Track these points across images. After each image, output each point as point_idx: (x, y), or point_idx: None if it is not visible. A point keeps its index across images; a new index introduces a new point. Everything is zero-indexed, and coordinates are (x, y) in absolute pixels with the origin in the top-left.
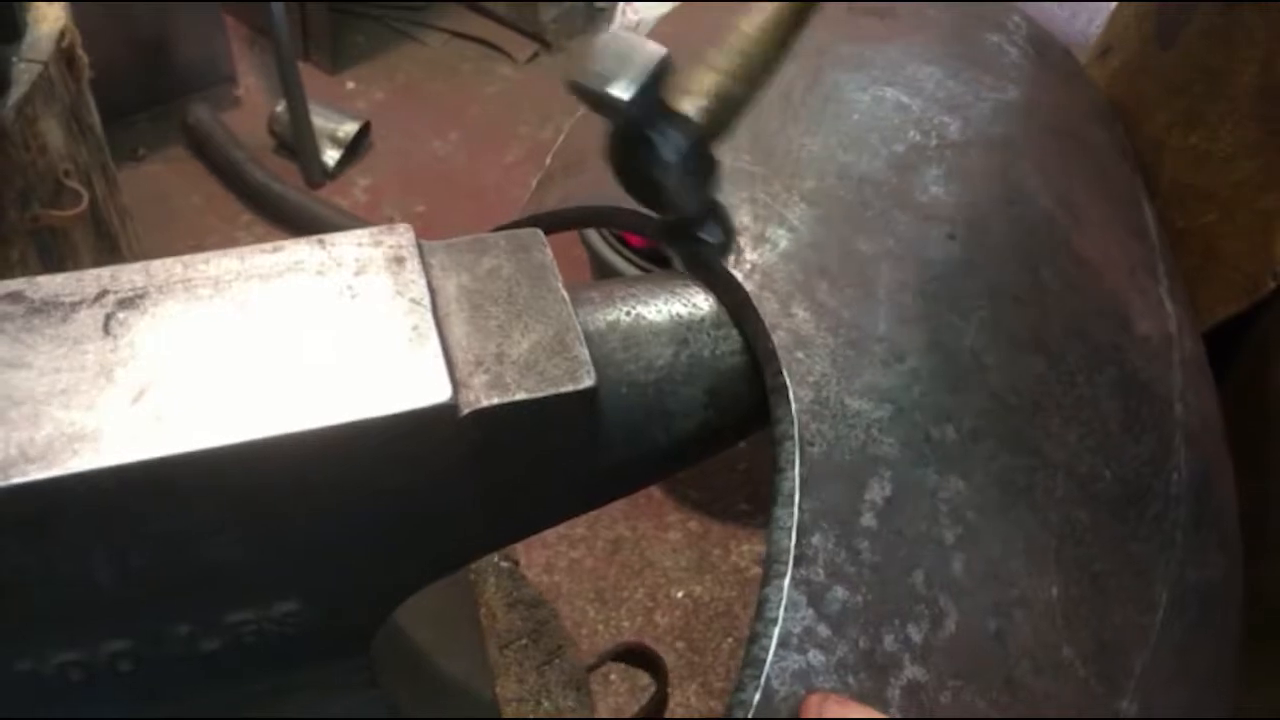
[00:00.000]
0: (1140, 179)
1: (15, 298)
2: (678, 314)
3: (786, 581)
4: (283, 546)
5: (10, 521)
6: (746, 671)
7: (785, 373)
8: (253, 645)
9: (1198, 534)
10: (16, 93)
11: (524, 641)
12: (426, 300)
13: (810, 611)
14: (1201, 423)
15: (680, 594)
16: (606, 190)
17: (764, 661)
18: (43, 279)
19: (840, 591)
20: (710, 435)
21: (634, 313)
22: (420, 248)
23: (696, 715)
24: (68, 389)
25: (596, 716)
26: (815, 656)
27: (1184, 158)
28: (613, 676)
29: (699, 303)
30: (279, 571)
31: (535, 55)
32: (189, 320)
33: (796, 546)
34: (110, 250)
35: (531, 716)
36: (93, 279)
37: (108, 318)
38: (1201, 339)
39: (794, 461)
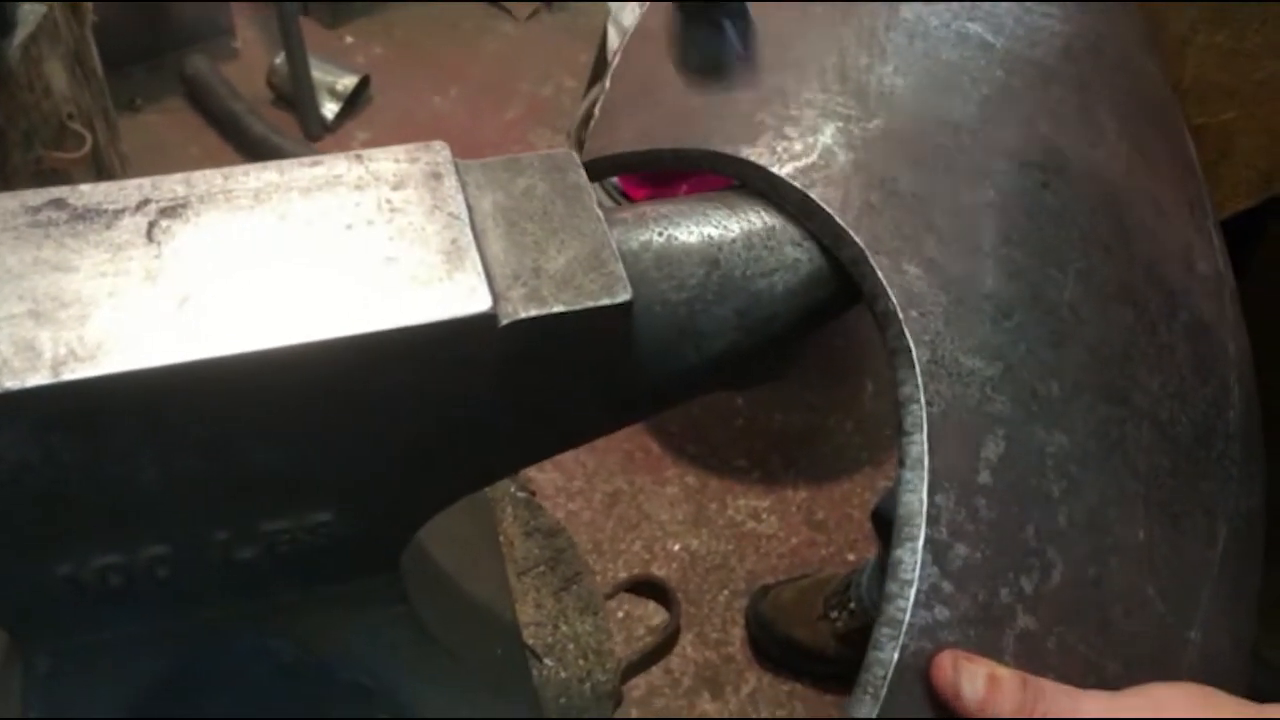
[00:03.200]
0: (1180, 105)
1: (59, 204)
2: (709, 235)
3: (920, 544)
4: (320, 454)
5: (60, 420)
6: (883, 630)
7: (907, 334)
8: (287, 555)
9: (1248, 466)
10: (22, 33)
11: (541, 568)
12: (465, 215)
13: (935, 569)
14: (1245, 358)
15: (677, 547)
16: (688, 129)
17: (901, 622)
18: (85, 187)
19: (961, 549)
20: (739, 355)
21: (666, 233)
22: (456, 165)
23: (692, 665)
24: (114, 292)
25: (614, 642)
26: (940, 612)
27: (1209, 55)
28: (620, 613)
29: (730, 224)
30: (316, 480)
31: (535, 12)
32: (230, 229)
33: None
34: None
35: (550, 640)
36: (134, 188)
37: (151, 225)
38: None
39: (921, 425)
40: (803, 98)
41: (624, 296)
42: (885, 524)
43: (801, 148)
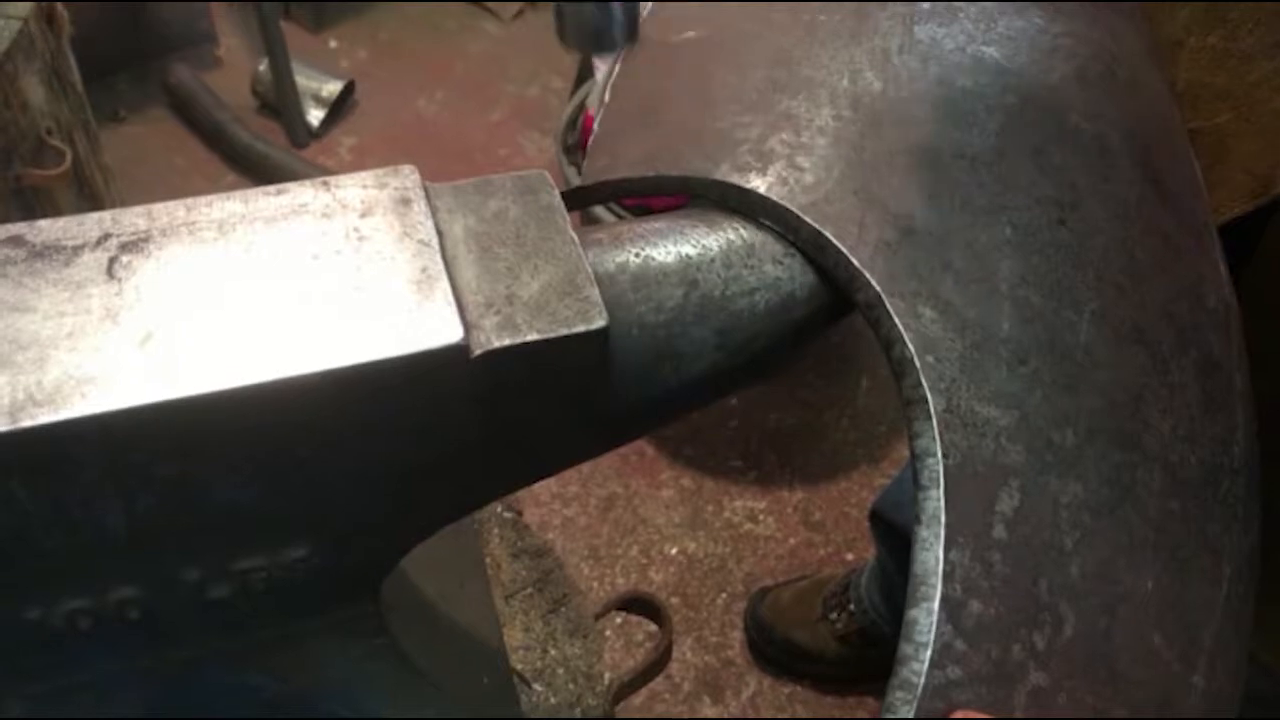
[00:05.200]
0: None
1: (16, 241)
2: (687, 255)
3: (936, 604)
4: (293, 490)
5: (19, 466)
6: (898, 694)
7: (925, 384)
8: (262, 592)
9: (1250, 503)
10: None
11: (529, 591)
12: (435, 242)
13: (949, 628)
14: (1247, 388)
15: (674, 550)
16: (695, 154)
17: (916, 685)
18: (43, 223)
19: (975, 606)
20: (720, 376)
21: (643, 254)
22: (426, 190)
23: (692, 669)
24: (73, 333)
25: (604, 664)
26: (953, 671)
27: (1202, 57)
28: (608, 633)
29: (708, 243)
30: (289, 516)
31: (520, 12)
32: (194, 263)
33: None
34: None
35: (539, 664)
36: (94, 222)
37: (111, 261)
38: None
39: (938, 480)
40: (815, 124)
41: (600, 322)
42: (883, 523)
43: (814, 179)
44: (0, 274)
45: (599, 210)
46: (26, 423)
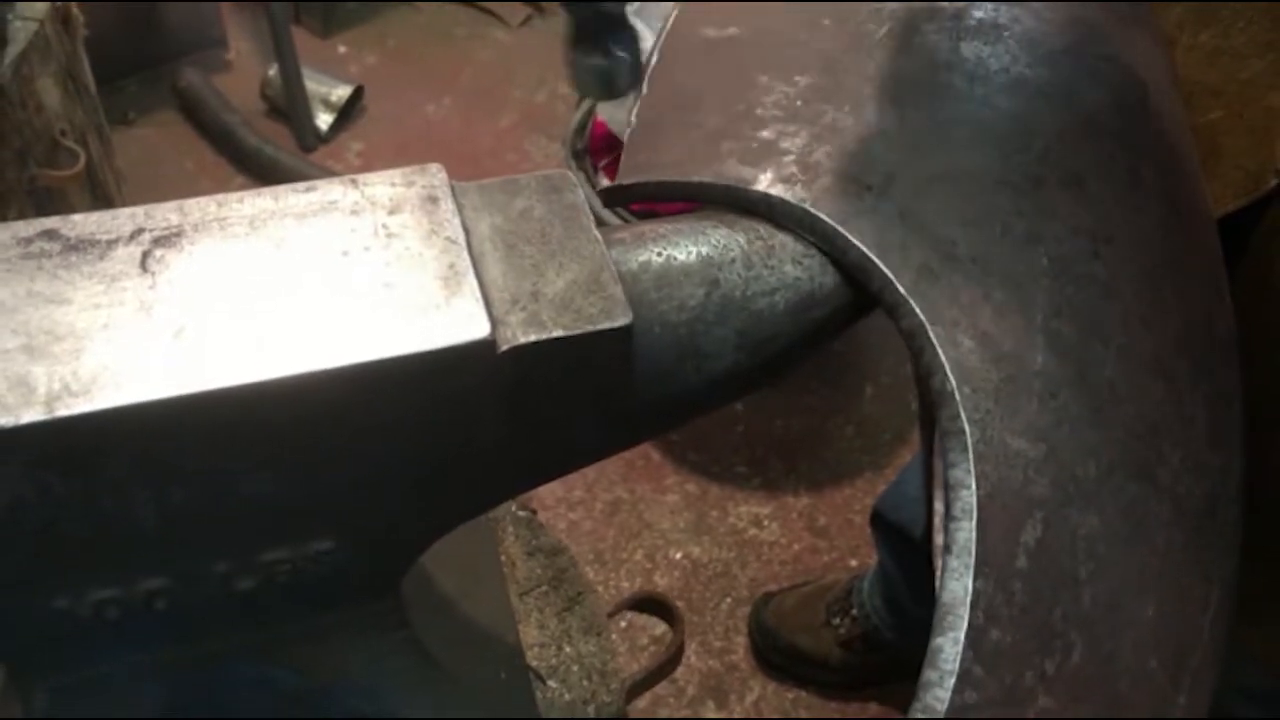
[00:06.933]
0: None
1: (51, 235)
2: (708, 255)
3: (962, 634)
4: (320, 483)
5: (54, 456)
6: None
7: (963, 416)
8: (287, 585)
9: (1240, 526)
10: (13, 51)
11: (544, 588)
12: (462, 239)
13: (970, 654)
14: (1244, 415)
15: (679, 555)
16: (738, 161)
17: (940, 711)
18: (77, 217)
19: (995, 634)
20: (740, 376)
21: (665, 254)
22: (452, 188)
23: (696, 674)
24: (109, 325)
25: (618, 663)
26: (970, 695)
27: (1194, 54)
28: (613, 636)
29: (729, 243)
30: (316, 509)
31: (528, 19)
32: (226, 258)
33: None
34: None
35: (554, 661)
36: (127, 217)
37: (145, 255)
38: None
39: (971, 512)
40: (860, 138)
41: (624, 320)
42: (884, 524)
43: (859, 198)
44: (37, 266)
45: (605, 211)
46: (63, 412)
